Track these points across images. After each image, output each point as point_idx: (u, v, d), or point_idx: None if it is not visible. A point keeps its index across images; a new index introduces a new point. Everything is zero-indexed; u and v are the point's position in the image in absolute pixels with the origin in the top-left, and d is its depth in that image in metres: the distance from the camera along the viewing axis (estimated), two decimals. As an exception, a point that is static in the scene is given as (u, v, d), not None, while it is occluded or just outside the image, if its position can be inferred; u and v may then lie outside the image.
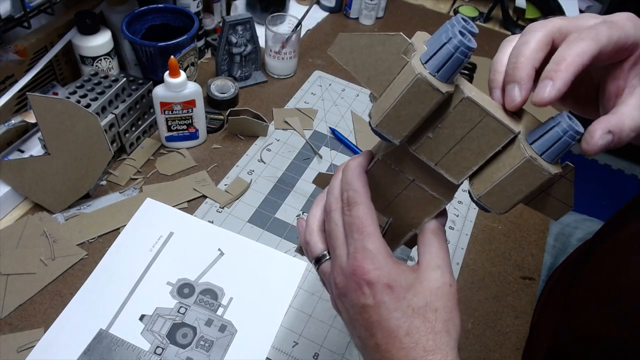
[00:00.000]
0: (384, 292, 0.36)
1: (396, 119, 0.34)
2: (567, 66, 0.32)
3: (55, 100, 0.62)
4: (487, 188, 0.35)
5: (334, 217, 0.39)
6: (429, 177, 0.39)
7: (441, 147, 0.36)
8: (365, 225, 0.37)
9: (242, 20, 0.85)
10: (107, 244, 0.64)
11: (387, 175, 0.40)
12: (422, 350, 0.35)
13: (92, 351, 0.54)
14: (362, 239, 0.36)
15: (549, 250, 0.79)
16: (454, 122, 0.35)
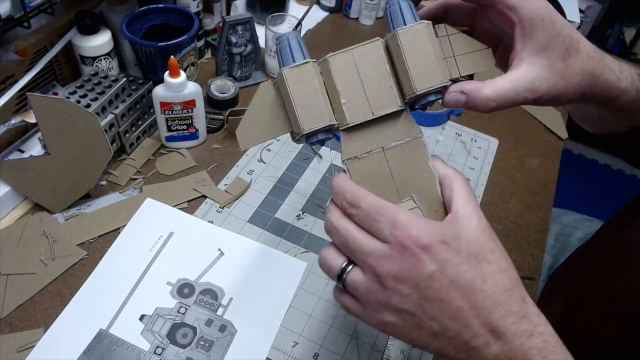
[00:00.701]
0: (442, 250, 0.35)
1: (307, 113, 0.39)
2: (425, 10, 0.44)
3: (55, 100, 0.62)
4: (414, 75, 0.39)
5: (341, 226, 0.38)
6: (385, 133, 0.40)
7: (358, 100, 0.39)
8: (382, 206, 0.36)
9: (242, 20, 0.85)
10: (107, 244, 0.64)
11: (366, 167, 0.40)
12: (503, 290, 0.35)
13: (92, 351, 0.54)
14: (389, 217, 0.35)
15: (549, 250, 0.79)
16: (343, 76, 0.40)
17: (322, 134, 0.40)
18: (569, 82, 0.40)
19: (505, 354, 0.34)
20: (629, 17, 2.15)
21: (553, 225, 0.83)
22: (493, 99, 0.39)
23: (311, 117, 0.39)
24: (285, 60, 0.40)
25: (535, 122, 0.94)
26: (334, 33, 1.10)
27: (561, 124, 0.94)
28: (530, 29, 0.39)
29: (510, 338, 0.34)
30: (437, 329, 0.35)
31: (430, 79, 0.39)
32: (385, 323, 0.37)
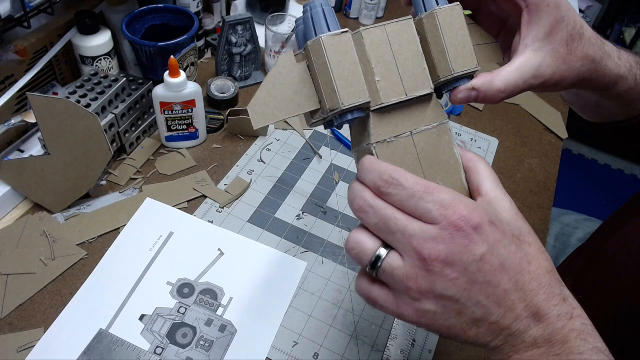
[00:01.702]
0: (492, 230, 0.33)
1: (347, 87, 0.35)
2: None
3: (55, 100, 0.62)
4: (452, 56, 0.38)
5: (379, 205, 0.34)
6: (415, 117, 0.38)
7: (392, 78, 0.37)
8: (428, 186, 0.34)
9: (242, 20, 0.85)
10: (107, 244, 0.64)
11: (395, 152, 0.37)
12: (546, 271, 0.34)
13: (92, 351, 0.54)
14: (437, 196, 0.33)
15: (549, 250, 0.79)
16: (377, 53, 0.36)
17: (356, 113, 0.36)
18: (570, 67, 0.40)
19: (546, 337, 0.33)
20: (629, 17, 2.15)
21: (553, 225, 0.83)
22: (504, 90, 0.39)
23: (351, 92, 0.35)
24: (318, 28, 0.36)
25: (535, 122, 0.94)
26: (334, 33, 1.10)
27: (561, 124, 0.94)
28: (537, 14, 0.39)
29: (553, 320, 0.34)
30: (480, 315, 0.34)
31: (467, 62, 0.38)
32: (422, 313, 0.34)
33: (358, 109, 0.36)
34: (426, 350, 0.59)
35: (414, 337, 0.60)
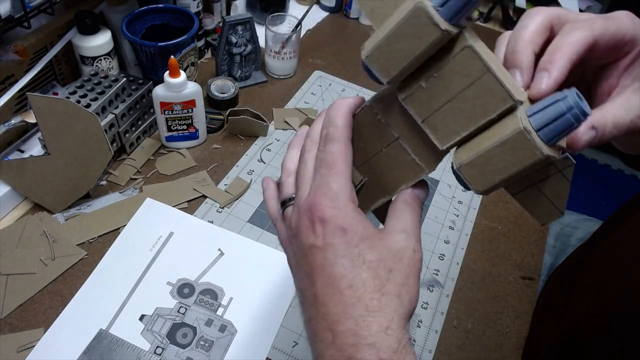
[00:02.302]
0: (336, 233, 0.33)
1: (388, 54, 0.31)
2: (562, 55, 0.31)
3: (55, 100, 0.62)
4: (469, 157, 0.31)
5: (306, 157, 0.36)
6: (414, 137, 0.35)
7: (432, 101, 0.32)
8: (336, 162, 0.34)
9: (242, 20, 0.85)
10: (107, 244, 0.64)
11: (372, 127, 0.36)
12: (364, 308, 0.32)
13: (92, 351, 0.54)
14: (328, 175, 0.34)
15: (549, 250, 0.79)
16: (452, 73, 0.31)
17: None
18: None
19: None
20: (629, 17, 2.15)
21: (553, 225, 0.83)
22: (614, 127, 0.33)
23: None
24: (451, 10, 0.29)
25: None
26: (334, 33, 1.10)
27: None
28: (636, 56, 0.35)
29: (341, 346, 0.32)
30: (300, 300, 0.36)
31: None
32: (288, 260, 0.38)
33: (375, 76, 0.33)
34: (426, 350, 0.59)
35: (414, 337, 0.60)
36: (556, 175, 0.33)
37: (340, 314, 0.32)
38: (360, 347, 0.31)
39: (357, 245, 0.33)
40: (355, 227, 0.33)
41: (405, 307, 0.33)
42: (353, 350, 0.32)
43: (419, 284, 0.34)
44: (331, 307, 0.32)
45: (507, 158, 0.30)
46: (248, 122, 0.80)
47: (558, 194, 0.33)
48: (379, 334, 0.32)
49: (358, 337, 0.32)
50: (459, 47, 0.30)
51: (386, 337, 0.32)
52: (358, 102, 0.37)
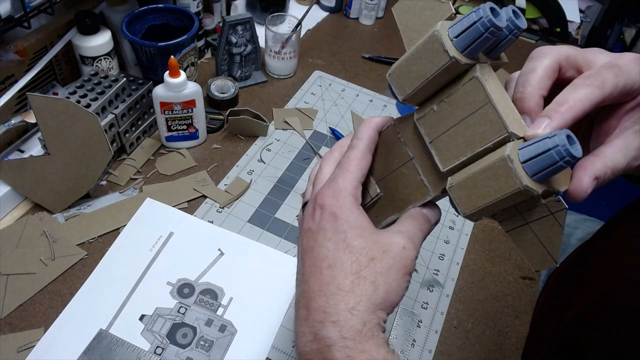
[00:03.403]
0: (329, 219, 0.36)
1: (406, 74, 0.34)
2: (568, 109, 0.32)
3: (55, 100, 0.62)
4: (460, 179, 0.34)
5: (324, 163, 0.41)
6: (424, 159, 0.37)
7: (440, 124, 0.35)
8: (349, 164, 0.38)
9: (242, 20, 0.85)
10: (107, 244, 0.64)
11: (393, 145, 0.39)
12: (336, 287, 0.34)
13: (92, 351, 0.54)
14: (339, 174, 0.38)
15: (549, 250, 0.79)
16: (459, 100, 0.33)
17: None
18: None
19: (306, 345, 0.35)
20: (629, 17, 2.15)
21: (553, 225, 0.83)
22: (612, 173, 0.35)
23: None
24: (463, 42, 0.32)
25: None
26: (334, 33, 1.10)
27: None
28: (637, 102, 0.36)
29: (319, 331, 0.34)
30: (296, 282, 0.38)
31: None
32: None
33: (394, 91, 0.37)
34: (426, 350, 0.59)
35: (414, 337, 0.60)
36: (548, 218, 0.34)
37: (316, 291, 0.35)
38: (326, 324, 0.33)
39: (344, 232, 0.35)
40: (347, 215, 0.36)
41: (380, 294, 0.34)
42: (319, 327, 0.34)
43: (405, 281, 0.35)
44: (311, 285, 0.35)
45: (491, 184, 0.32)
46: (248, 122, 0.80)
47: (551, 239, 0.34)
48: (343, 313, 0.33)
49: (326, 314, 0.34)
50: (468, 77, 0.32)
51: (350, 317, 0.33)
52: (385, 121, 0.40)
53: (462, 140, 0.34)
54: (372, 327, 0.33)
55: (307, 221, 0.38)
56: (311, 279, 0.35)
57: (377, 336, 0.34)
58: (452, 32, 0.32)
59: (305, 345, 0.34)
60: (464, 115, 0.33)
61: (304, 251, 0.37)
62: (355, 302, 0.33)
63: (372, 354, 0.33)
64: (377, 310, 0.34)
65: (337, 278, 0.34)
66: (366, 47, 1.06)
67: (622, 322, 0.49)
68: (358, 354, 0.33)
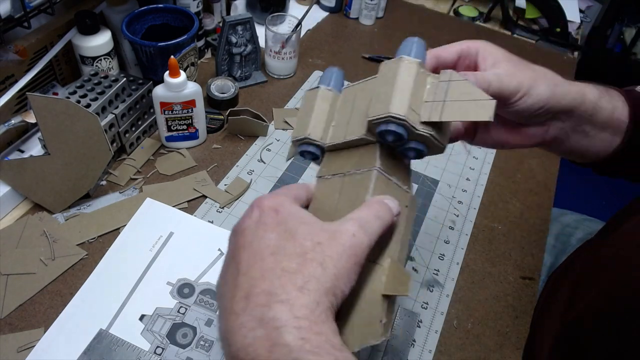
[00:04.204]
0: (269, 214, 0.34)
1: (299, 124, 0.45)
2: None
3: (55, 100, 0.62)
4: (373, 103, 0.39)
5: None
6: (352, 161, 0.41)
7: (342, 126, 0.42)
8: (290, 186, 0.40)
9: (242, 20, 0.85)
10: (107, 244, 0.64)
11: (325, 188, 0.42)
12: (281, 269, 0.31)
13: (92, 351, 0.54)
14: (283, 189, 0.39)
15: (549, 250, 0.79)
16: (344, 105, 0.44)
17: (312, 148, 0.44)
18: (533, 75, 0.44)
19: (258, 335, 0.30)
20: (629, 17, 2.15)
21: (553, 225, 0.83)
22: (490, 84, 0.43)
23: (298, 128, 0.44)
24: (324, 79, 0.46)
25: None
26: (334, 33, 1.10)
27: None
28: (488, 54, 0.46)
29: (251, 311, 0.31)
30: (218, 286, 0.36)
31: (381, 108, 0.37)
32: None
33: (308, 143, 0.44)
34: (426, 350, 0.59)
35: (414, 337, 0.60)
36: None
37: (257, 278, 0.32)
38: (272, 305, 0.30)
39: (286, 222, 0.34)
40: (288, 209, 0.35)
41: (329, 277, 0.32)
42: (265, 310, 0.30)
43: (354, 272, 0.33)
44: (251, 275, 0.32)
45: None
46: (248, 122, 0.80)
47: None
48: (293, 292, 0.31)
49: (271, 295, 0.31)
50: None
51: (301, 296, 0.31)
52: None
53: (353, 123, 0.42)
54: (326, 309, 0.31)
55: (242, 222, 0.36)
56: (251, 270, 0.32)
57: (332, 322, 0.31)
58: None
59: (246, 337, 0.30)
60: None
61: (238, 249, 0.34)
62: (303, 282, 0.31)
63: (329, 338, 0.30)
64: (327, 294, 0.31)
65: (282, 262, 0.32)
66: (366, 47, 1.06)
67: (622, 322, 0.49)
68: (314, 336, 0.29)
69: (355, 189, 0.39)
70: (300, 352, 0.29)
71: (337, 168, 0.41)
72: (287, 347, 0.29)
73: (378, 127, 0.38)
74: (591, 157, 0.52)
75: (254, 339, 0.30)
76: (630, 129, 0.48)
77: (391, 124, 0.37)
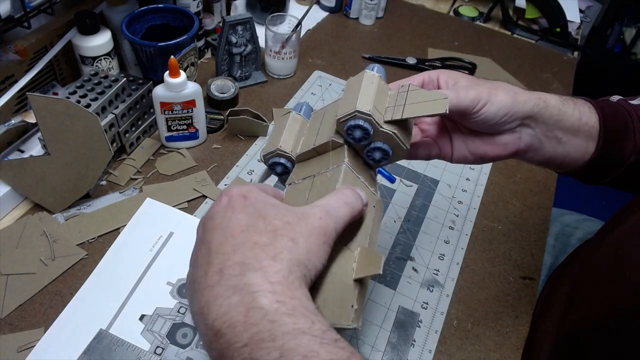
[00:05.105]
0: (238, 199, 0.35)
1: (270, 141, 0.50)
2: None
3: (55, 100, 0.62)
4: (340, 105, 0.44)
5: None
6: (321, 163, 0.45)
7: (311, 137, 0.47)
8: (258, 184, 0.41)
9: (242, 20, 0.85)
10: (107, 244, 0.64)
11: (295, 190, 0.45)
12: (252, 243, 0.32)
13: (92, 351, 0.54)
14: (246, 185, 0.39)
15: (549, 250, 0.79)
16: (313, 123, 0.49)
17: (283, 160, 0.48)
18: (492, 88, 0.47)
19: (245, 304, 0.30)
20: (629, 17, 2.15)
21: (553, 225, 0.83)
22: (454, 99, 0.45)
23: (269, 145, 0.49)
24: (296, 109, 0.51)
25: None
26: (334, 33, 1.10)
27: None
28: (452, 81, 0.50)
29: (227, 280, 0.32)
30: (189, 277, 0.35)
31: (348, 108, 0.42)
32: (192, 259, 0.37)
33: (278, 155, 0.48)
34: (426, 350, 0.59)
35: (414, 337, 0.60)
36: None
37: (229, 252, 0.32)
38: (246, 274, 0.31)
39: (255, 205, 0.35)
40: (256, 194, 0.36)
41: (301, 251, 0.33)
42: (239, 279, 0.31)
43: (324, 251, 0.34)
44: (222, 251, 0.33)
45: None
46: (248, 122, 0.80)
47: None
48: (265, 261, 0.32)
49: (244, 265, 0.32)
50: None
51: (274, 264, 0.32)
52: None
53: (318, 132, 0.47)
54: (299, 277, 0.32)
55: (210, 209, 0.36)
56: (222, 247, 0.33)
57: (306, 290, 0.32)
58: None
59: (221, 306, 0.30)
60: None
61: (207, 232, 0.35)
62: (275, 252, 0.32)
63: (303, 302, 0.31)
64: (300, 265, 0.32)
65: (253, 237, 0.33)
66: (366, 47, 1.06)
67: (622, 321, 0.49)
68: (288, 299, 0.30)
69: (325, 184, 0.42)
70: (276, 314, 0.29)
71: (307, 172, 0.45)
72: (263, 310, 0.30)
73: (346, 124, 0.42)
74: (570, 165, 0.53)
75: (229, 307, 0.30)
76: (602, 135, 0.50)
77: (358, 119, 0.41)
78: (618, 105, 0.52)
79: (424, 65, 1.00)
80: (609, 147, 0.51)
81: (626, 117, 0.51)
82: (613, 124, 0.50)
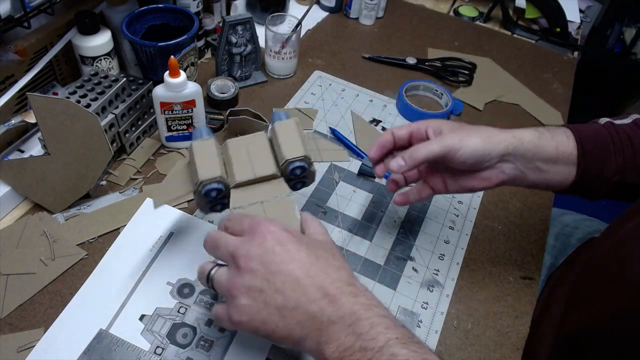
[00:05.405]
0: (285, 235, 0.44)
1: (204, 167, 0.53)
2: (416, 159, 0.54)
3: (55, 100, 0.62)
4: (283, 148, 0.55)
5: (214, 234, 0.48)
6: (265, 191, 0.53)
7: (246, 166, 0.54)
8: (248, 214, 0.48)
9: (242, 20, 0.85)
10: (107, 244, 0.64)
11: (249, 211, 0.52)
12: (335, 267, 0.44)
13: (92, 351, 0.54)
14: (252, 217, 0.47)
15: (549, 250, 0.79)
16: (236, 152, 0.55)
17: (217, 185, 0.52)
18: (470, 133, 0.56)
19: (336, 312, 0.40)
20: (629, 17, 2.15)
21: (553, 225, 0.83)
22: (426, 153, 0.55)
23: (207, 170, 0.52)
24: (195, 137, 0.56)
25: (535, 121, 0.95)
26: (334, 33, 1.10)
27: (561, 123, 0.94)
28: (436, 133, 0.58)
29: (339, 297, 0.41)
30: (281, 302, 0.41)
31: (295, 151, 0.54)
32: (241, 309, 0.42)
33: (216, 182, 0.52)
34: (426, 350, 0.59)
35: (414, 337, 0.60)
36: None
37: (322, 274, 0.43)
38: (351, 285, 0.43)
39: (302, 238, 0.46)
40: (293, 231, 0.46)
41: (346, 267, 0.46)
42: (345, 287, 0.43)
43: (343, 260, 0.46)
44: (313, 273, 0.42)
45: None
46: (248, 122, 0.80)
47: None
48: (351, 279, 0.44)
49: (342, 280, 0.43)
50: None
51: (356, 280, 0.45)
52: None
53: None
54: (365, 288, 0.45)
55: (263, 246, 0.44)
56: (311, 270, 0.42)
57: None
58: None
59: None
60: None
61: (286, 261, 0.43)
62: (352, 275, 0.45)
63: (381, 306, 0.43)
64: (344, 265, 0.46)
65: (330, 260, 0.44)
66: (366, 47, 1.06)
67: (623, 322, 0.49)
68: None
69: (279, 209, 0.51)
70: None
71: (250, 198, 0.52)
72: None
73: (292, 164, 0.53)
74: (556, 187, 0.58)
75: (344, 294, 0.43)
76: (580, 161, 0.55)
77: (304, 162, 0.54)
78: (601, 129, 0.56)
79: (424, 65, 1.00)
80: (588, 171, 0.55)
81: (607, 140, 0.55)
82: (591, 149, 0.55)
